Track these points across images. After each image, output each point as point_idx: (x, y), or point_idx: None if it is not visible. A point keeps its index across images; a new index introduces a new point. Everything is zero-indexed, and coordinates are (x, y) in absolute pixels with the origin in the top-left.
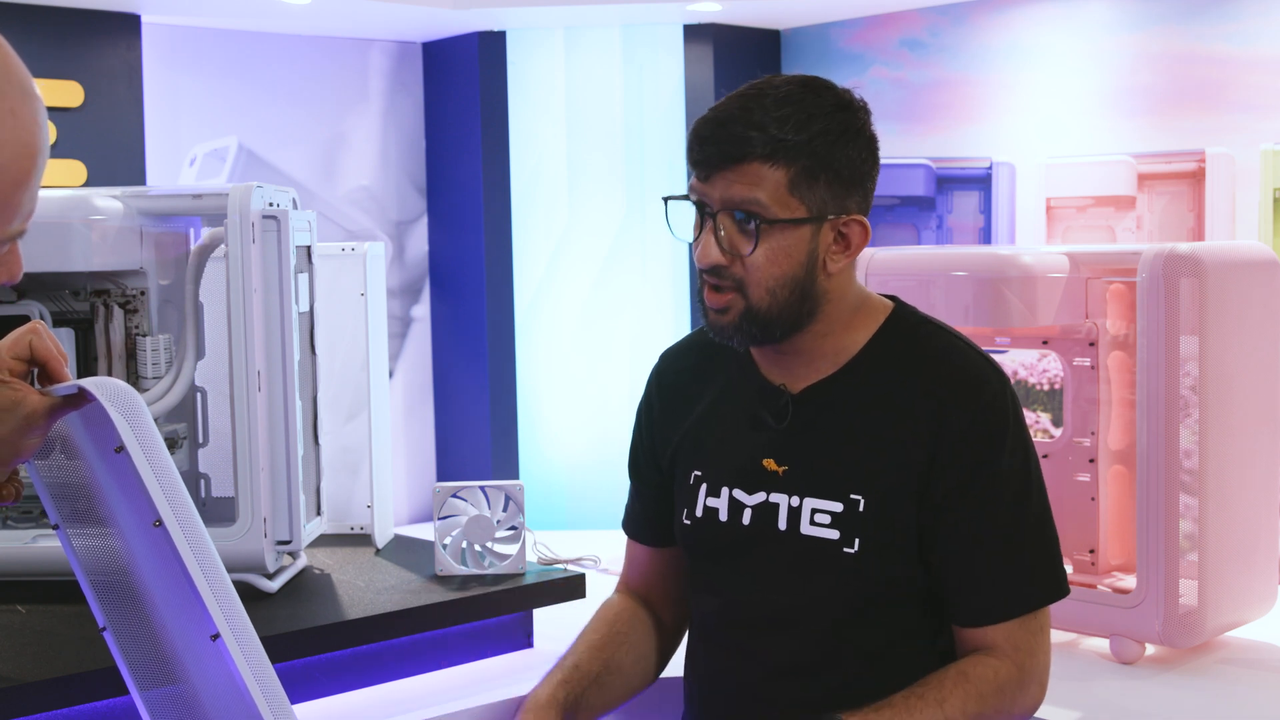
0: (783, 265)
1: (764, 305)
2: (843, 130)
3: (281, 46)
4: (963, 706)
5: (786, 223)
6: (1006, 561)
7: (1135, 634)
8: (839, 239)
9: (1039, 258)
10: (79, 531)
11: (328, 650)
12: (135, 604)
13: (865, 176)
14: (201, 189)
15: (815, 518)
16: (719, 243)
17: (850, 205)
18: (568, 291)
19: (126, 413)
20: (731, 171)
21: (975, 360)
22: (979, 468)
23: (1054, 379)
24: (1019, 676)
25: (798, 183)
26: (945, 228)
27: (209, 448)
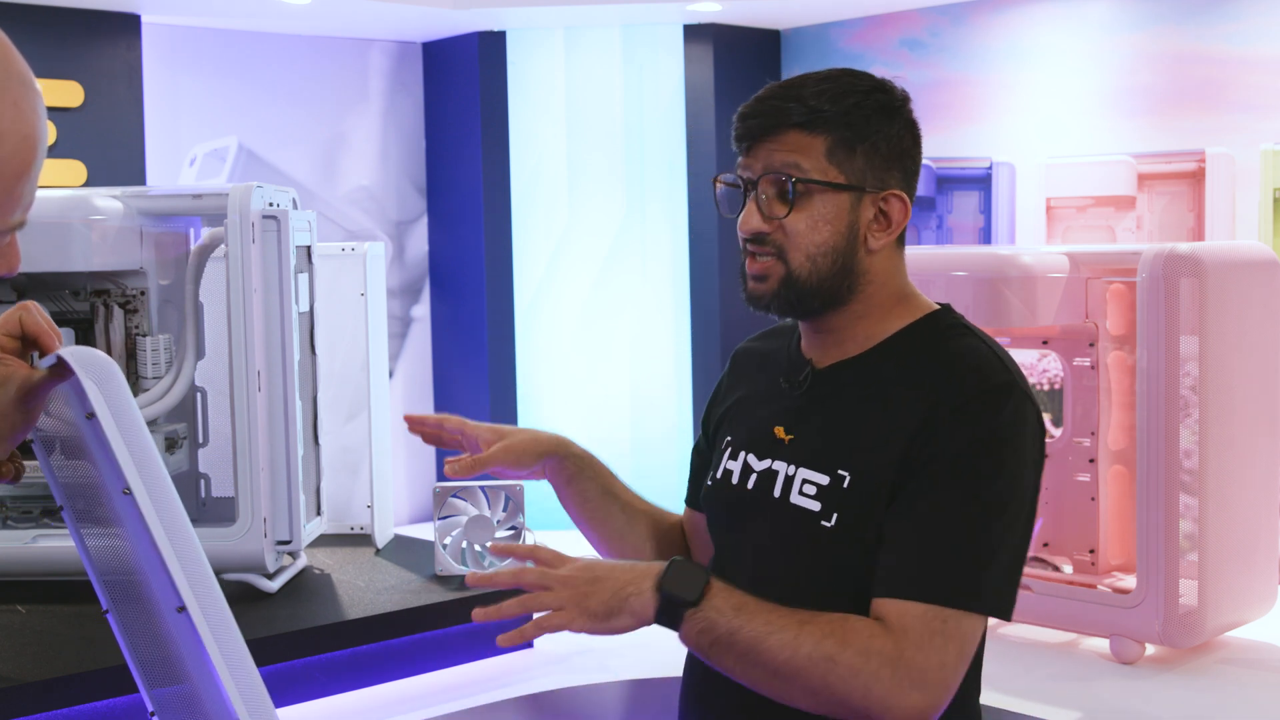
0: (823, 232)
1: (804, 272)
2: (879, 107)
3: (281, 46)
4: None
5: (824, 185)
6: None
7: (1135, 634)
8: (880, 216)
9: (1039, 258)
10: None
11: (328, 650)
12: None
13: (905, 155)
14: (201, 189)
15: (803, 488)
16: (760, 208)
17: (890, 181)
18: (568, 291)
19: (100, 380)
20: (771, 141)
21: (985, 363)
22: (947, 451)
23: (1054, 379)
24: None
25: (835, 151)
26: (945, 228)
27: (209, 448)
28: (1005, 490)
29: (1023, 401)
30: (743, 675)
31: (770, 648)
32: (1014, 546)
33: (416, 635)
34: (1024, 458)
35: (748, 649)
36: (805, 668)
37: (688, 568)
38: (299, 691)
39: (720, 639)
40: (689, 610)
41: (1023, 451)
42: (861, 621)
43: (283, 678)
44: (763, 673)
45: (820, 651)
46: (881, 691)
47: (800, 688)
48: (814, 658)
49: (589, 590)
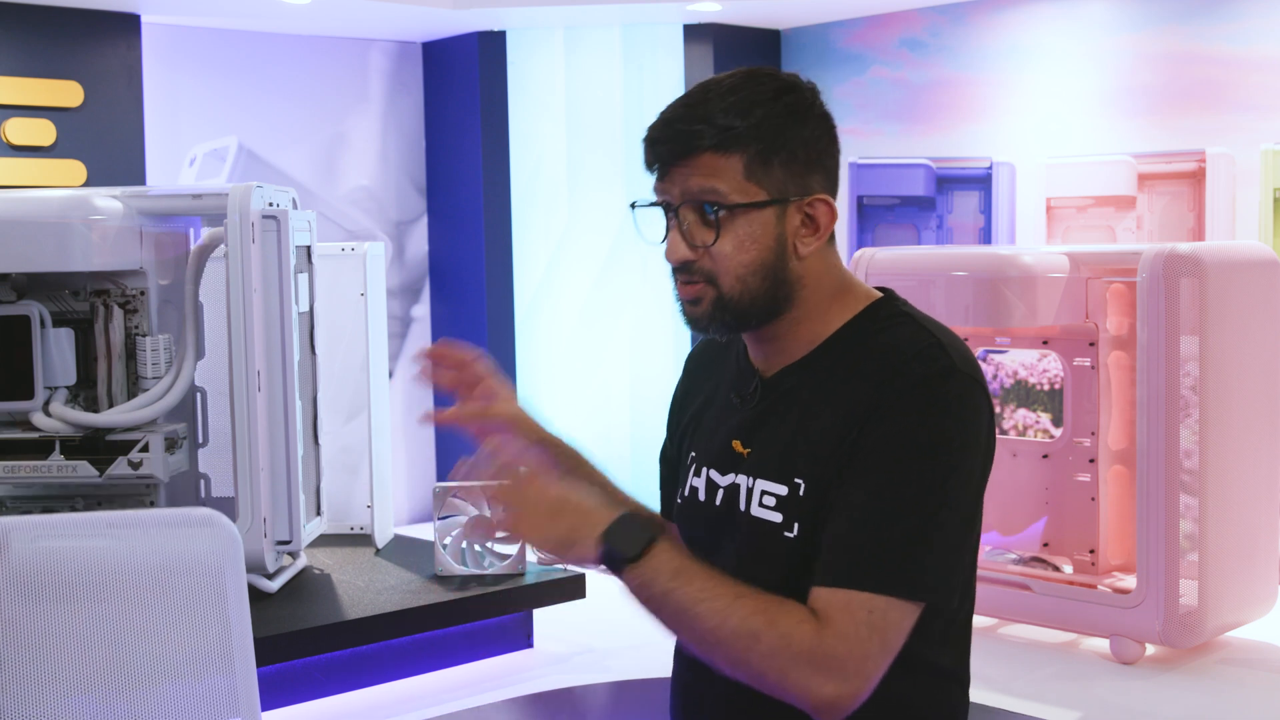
0: (750, 252)
1: (736, 293)
2: (790, 112)
3: (281, 46)
4: (749, 615)
5: (747, 207)
6: (858, 531)
7: (1135, 634)
8: (807, 221)
9: (1039, 258)
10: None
11: (328, 650)
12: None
13: (823, 155)
14: (201, 189)
15: (763, 500)
16: (684, 237)
17: (812, 185)
18: (568, 291)
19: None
20: (686, 166)
21: (927, 347)
22: (881, 439)
23: (1054, 379)
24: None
25: (753, 168)
26: (945, 228)
27: (209, 448)
28: (942, 476)
29: (966, 386)
30: (673, 632)
31: (700, 614)
32: (952, 533)
33: (416, 635)
34: (966, 442)
35: (678, 611)
36: (728, 640)
37: (633, 523)
38: (299, 691)
39: (654, 597)
40: (628, 566)
41: (964, 435)
42: (794, 606)
43: (283, 678)
44: (692, 636)
45: (745, 627)
46: (797, 677)
47: (723, 657)
48: (739, 632)
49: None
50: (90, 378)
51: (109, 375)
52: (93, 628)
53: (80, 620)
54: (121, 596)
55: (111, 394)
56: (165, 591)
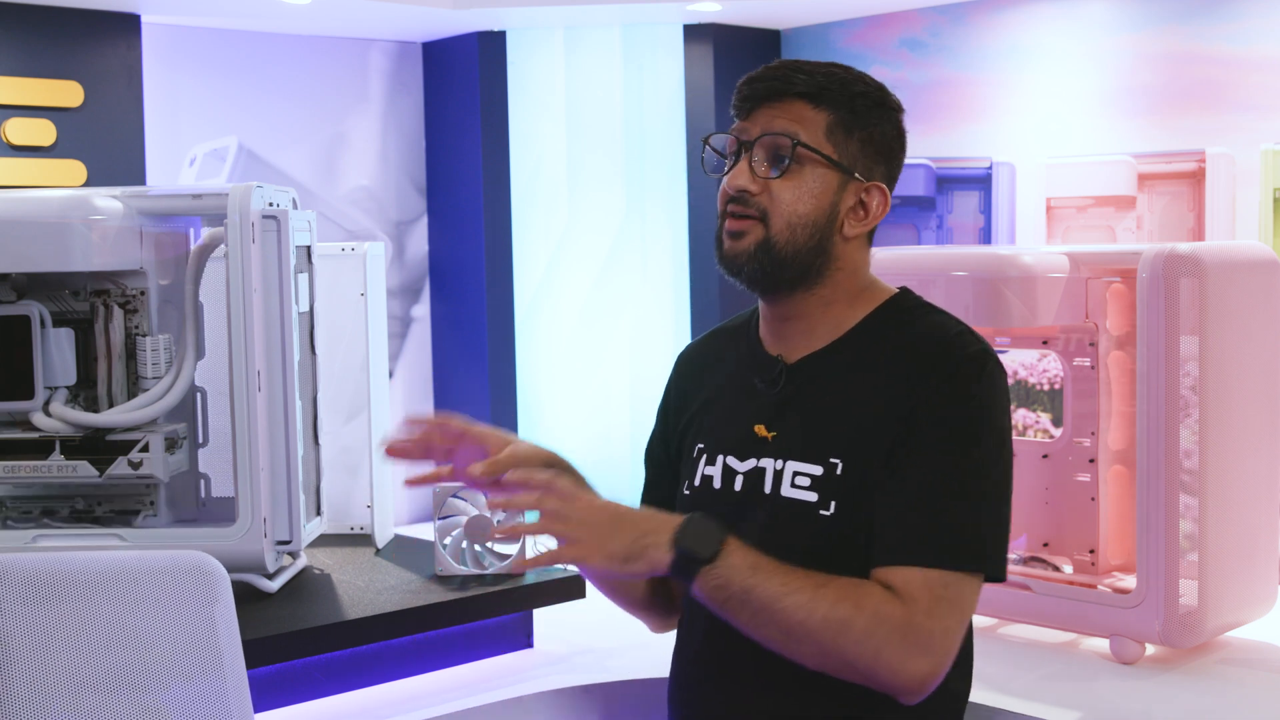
0: (806, 204)
1: (782, 239)
2: (880, 103)
3: (281, 46)
4: (835, 601)
5: (819, 156)
6: (927, 511)
7: (1135, 634)
8: (859, 207)
9: (1039, 258)
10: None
11: (328, 650)
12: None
13: (893, 154)
14: (201, 189)
15: (795, 480)
16: (751, 168)
17: (876, 173)
18: (568, 291)
19: None
20: (774, 107)
21: (959, 333)
22: (932, 422)
23: (1054, 379)
24: (904, 622)
25: (834, 130)
26: (945, 228)
27: (209, 448)
28: (991, 454)
29: (996, 368)
30: (756, 632)
31: (786, 608)
32: (1003, 509)
33: (416, 635)
34: (1004, 422)
35: (762, 607)
36: (818, 629)
37: (705, 525)
38: (299, 691)
39: (734, 596)
40: (704, 567)
41: (1002, 416)
42: (874, 587)
43: (283, 678)
44: (776, 631)
45: (835, 615)
46: (890, 657)
47: (812, 648)
48: (829, 620)
49: (607, 530)
50: (90, 378)
51: (109, 375)
52: (81, 631)
53: (70, 623)
54: (109, 599)
55: (111, 394)
56: (154, 597)
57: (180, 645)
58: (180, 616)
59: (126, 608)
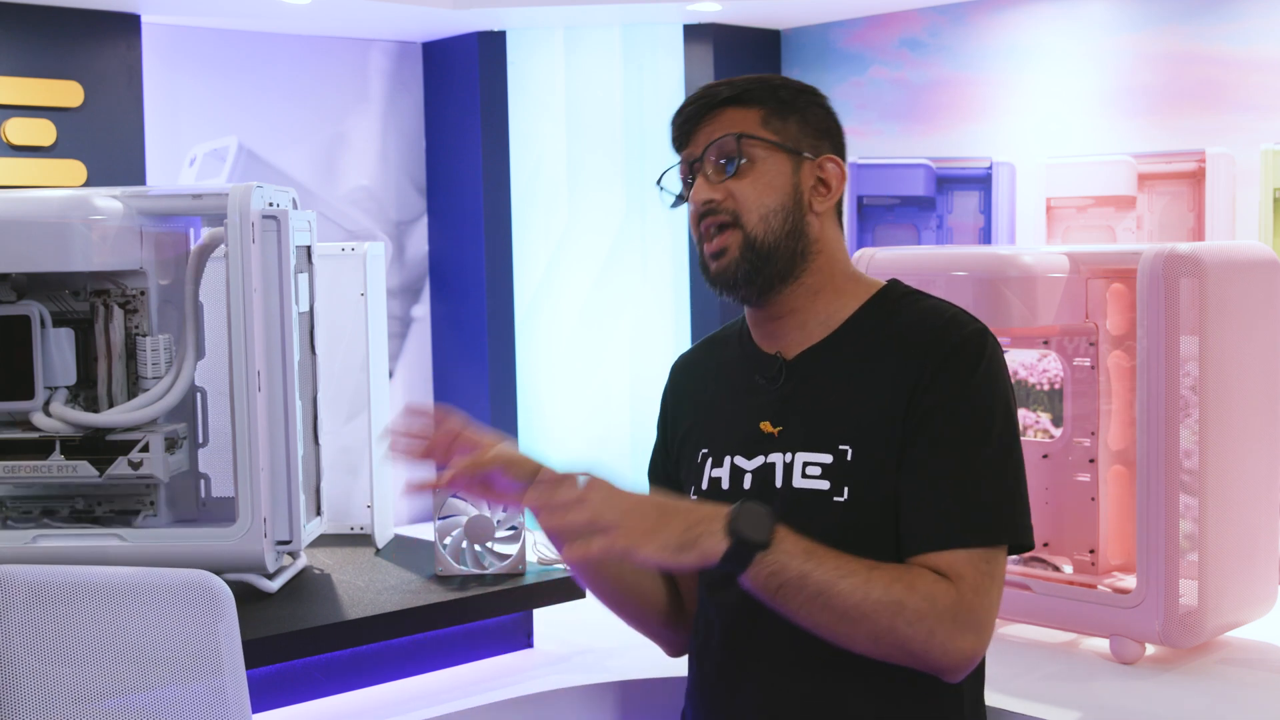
0: (770, 193)
1: (760, 233)
2: (802, 89)
3: (281, 46)
4: (889, 584)
5: (765, 143)
6: (959, 493)
7: (1135, 634)
8: (820, 184)
9: (1039, 258)
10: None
11: (328, 650)
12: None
13: (834, 131)
14: (201, 189)
15: (806, 470)
16: (706, 178)
17: (824, 148)
18: (568, 291)
19: None
20: (708, 123)
21: (955, 314)
22: (944, 403)
23: (1054, 379)
24: (955, 602)
25: (769, 120)
26: (945, 228)
27: (209, 448)
28: (1005, 427)
29: (995, 345)
30: (808, 617)
31: (841, 591)
32: (1022, 478)
33: (416, 635)
34: (1009, 395)
35: (818, 592)
36: (874, 611)
37: (755, 511)
38: (299, 691)
39: (790, 582)
40: (760, 553)
41: (1007, 389)
42: (923, 570)
43: (283, 678)
44: (831, 615)
45: (890, 596)
46: (943, 636)
47: (866, 630)
48: (884, 602)
49: (660, 523)
50: (90, 378)
51: (109, 375)
52: (84, 641)
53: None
54: (113, 611)
55: (111, 394)
56: (154, 600)
57: (182, 658)
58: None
59: (129, 622)
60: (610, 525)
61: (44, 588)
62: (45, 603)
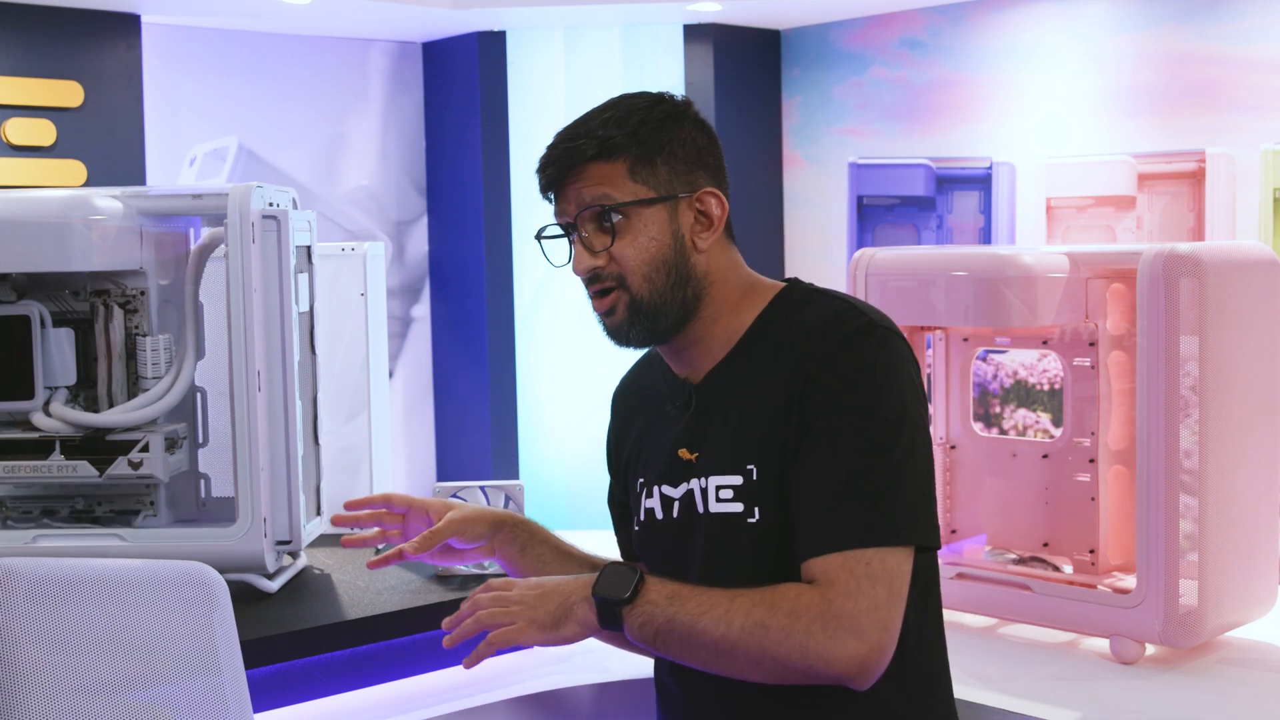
0: (650, 250)
1: (645, 293)
2: (665, 116)
3: (281, 46)
4: (749, 609)
5: (638, 204)
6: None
7: (1135, 634)
8: (700, 218)
9: (1039, 258)
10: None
11: (328, 650)
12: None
13: (704, 152)
14: (201, 189)
15: (720, 494)
16: (586, 247)
17: (698, 181)
18: (568, 292)
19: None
20: (576, 181)
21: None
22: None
23: (1054, 379)
24: (822, 610)
25: (637, 170)
26: (945, 228)
27: (209, 448)
28: (890, 423)
29: (886, 337)
30: (689, 659)
31: (705, 628)
32: (915, 474)
33: (416, 635)
34: (901, 388)
35: (686, 632)
36: (741, 640)
37: (619, 570)
38: (299, 691)
39: (660, 629)
40: (625, 608)
41: (898, 382)
42: (789, 585)
43: (283, 678)
44: (706, 653)
45: (751, 620)
46: (817, 646)
47: (742, 659)
48: (746, 628)
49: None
50: (90, 378)
51: (109, 375)
52: (84, 635)
53: (73, 627)
54: (111, 605)
55: (111, 394)
56: (155, 603)
57: (180, 650)
58: (180, 624)
59: (127, 613)
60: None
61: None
62: (43, 594)
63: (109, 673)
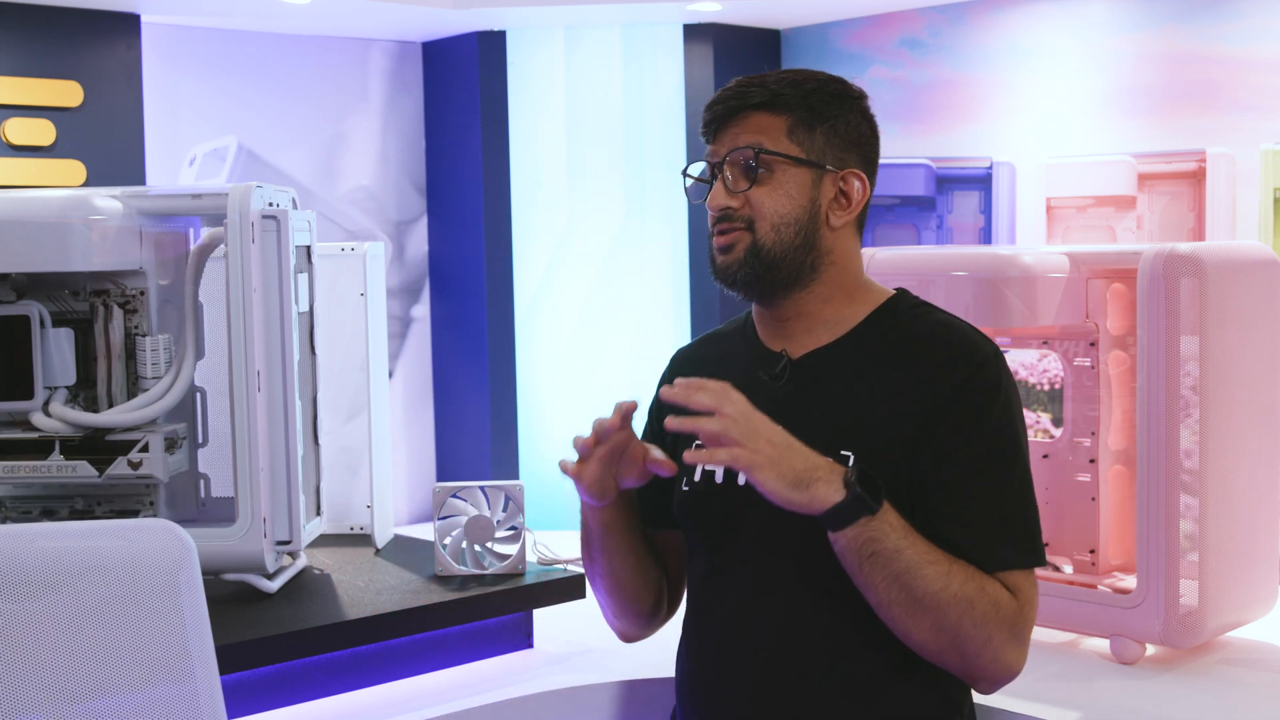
0: (786, 204)
1: (769, 241)
2: (836, 94)
3: (281, 46)
4: (964, 583)
5: (785, 158)
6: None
7: (1135, 634)
8: (840, 196)
9: (1039, 258)
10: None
11: (328, 650)
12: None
13: (863, 141)
14: (201, 189)
15: None
16: (726, 185)
17: (849, 161)
18: (568, 291)
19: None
20: (735, 125)
21: (969, 332)
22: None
23: (1054, 379)
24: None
25: (795, 130)
26: (945, 228)
27: (209, 448)
28: (1023, 448)
29: (1005, 363)
30: (886, 592)
31: (926, 575)
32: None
33: (416, 635)
34: (1021, 412)
35: (905, 569)
36: (948, 603)
37: (870, 477)
38: (299, 691)
39: (882, 552)
40: (867, 517)
41: (1019, 408)
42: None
43: (283, 678)
44: (907, 596)
45: (964, 593)
46: (998, 643)
47: (932, 620)
48: (959, 596)
49: (784, 454)
50: (90, 378)
51: (109, 375)
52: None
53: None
54: (67, 599)
55: (111, 394)
56: (115, 594)
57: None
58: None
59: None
60: (738, 441)
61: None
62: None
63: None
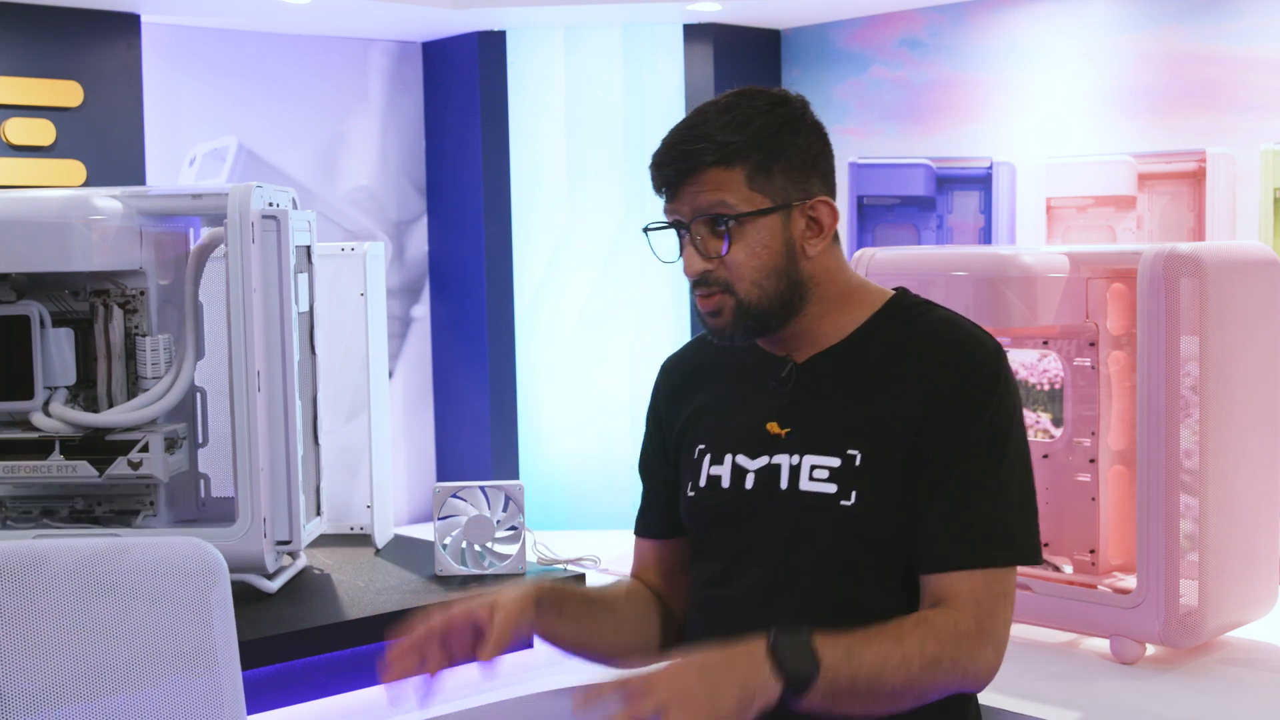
0: (762, 257)
1: (754, 298)
2: (784, 122)
3: (281, 46)
4: (920, 646)
5: (754, 215)
6: (975, 513)
7: (1135, 634)
8: (811, 224)
9: (1039, 258)
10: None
11: (328, 650)
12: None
13: (818, 159)
14: (201, 189)
15: (814, 474)
16: (698, 251)
17: (812, 189)
18: (568, 291)
19: None
20: (692, 184)
21: (970, 330)
22: (963, 423)
23: (1054, 379)
24: (977, 631)
25: (754, 177)
26: (945, 228)
27: (209, 448)
28: (1017, 446)
29: (1006, 360)
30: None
31: (886, 678)
32: (1031, 493)
33: None
34: (1019, 410)
35: (869, 687)
36: (920, 678)
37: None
38: (299, 691)
39: (842, 691)
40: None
41: (1018, 406)
42: (939, 614)
43: (283, 678)
44: (883, 699)
45: (926, 657)
46: (970, 663)
47: (915, 694)
48: (924, 666)
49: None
50: (90, 378)
51: (109, 375)
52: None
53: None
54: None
55: (111, 394)
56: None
57: (176, 636)
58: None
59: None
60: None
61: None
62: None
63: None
